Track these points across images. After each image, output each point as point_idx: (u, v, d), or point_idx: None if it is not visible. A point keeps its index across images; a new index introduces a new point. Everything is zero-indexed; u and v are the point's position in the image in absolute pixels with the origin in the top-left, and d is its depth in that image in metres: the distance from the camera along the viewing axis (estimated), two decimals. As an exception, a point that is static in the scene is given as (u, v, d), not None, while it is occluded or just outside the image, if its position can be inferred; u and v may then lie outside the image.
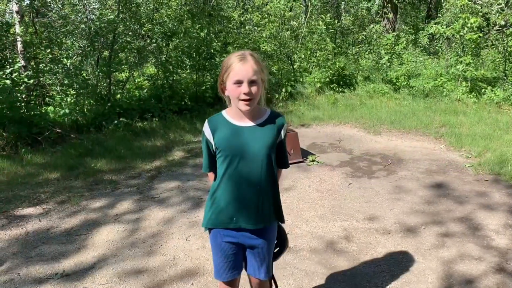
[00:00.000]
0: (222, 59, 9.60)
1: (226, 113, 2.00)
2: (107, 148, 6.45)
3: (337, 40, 13.05)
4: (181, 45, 9.59)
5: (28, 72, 7.53)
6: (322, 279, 3.10)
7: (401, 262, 3.32)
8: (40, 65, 7.81)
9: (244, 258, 2.15)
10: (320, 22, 11.62)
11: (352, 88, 10.67)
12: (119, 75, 9.40)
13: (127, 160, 6.04)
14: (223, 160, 1.96)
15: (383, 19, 13.61)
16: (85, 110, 7.64)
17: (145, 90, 9.01)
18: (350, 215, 4.19)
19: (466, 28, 9.37)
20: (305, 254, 3.45)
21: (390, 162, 5.84)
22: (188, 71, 9.71)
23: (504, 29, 9.98)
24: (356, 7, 18.01)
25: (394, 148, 6.53)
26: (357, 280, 3.07)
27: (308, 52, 11.74)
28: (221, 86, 1.94)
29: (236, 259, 2.09)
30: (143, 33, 10.22)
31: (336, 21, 12.73)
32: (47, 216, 4.24)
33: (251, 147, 1.92)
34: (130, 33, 9.02)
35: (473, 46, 9.56)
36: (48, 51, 8.00)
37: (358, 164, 5.83)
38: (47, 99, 8.09)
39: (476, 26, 9.34)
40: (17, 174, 5.46)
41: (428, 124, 7.64)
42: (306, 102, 9.78)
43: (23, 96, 7.03)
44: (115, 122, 7.47)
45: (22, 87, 7.11)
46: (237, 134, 1.94)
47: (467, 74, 9.27)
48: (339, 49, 12.66)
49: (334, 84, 10.51)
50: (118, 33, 8.51)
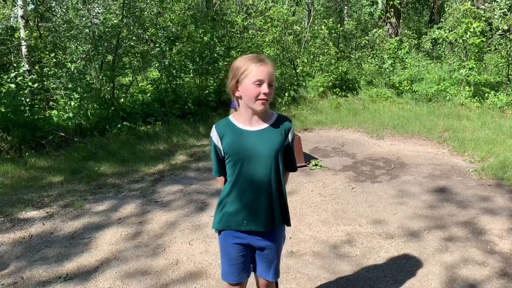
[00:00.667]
0: (225, 63, 9.63)
1: (233, 117, 2.03)
2: (110, 152, 6.47)
3: (340, 45, 13.09)
4: (184, 49, 9.62)
5: (32, 76, 7.58)
6: (325, 284, 3.10)
7: (404, 266, 3.31)
8: (44, 69, 7.85)
9: (253, 260, 2.18)
10: (323, 27, 11.65)
11: (355, 92, 10.67)
12: (122, 79, 9.45)
13: (130, 164, 6.06)
14: (232, 165, 1.99)
15: (386, 24, 13.63)
16: (88, 114, 7.67)
17: (148, 94, 9.05)
18: (353, 219, 4.19)
19: (469, 33, 9.37)
20: (308, 259, 3.45)
21: (393, 167, 5.83)
22: (191, 75, 9.74)
23: (507, 33, 9.96)
24: (359, 12, 18.06)
25: (397, 152, 6.52)
26: (360, 285, 3.07)
27: (311, 57, 11.76)
28: (233, 87, 1.96)
29: (245, 261, 2.12)
30: (147, 37, 10.28)
31: (339, 25, 12.75)
32: (51, 220, 4.25)
33: (259, 150, 1.95)
34: (133, 37, 9.07)
35: (476, 50, 9.55)
36: (52, 55, 8.05)
37: (361, 168, 5.83)
38: (51, 103, 8.14)
39: (479, 31, 9.35)
40: (21, 177, 5.48)
41: (431, 128, 7.63)
42: (309, 107, 9.79)
43: (27, 100, 7.06)
44: (119, 126, 7.50)
45: (26, 91, 7.15)
46: (245, 138, 1.97)
47: (470, 78, 9.26)
48: (342, 53, 12.69)
49: (337, 89, 10.51)
50: (122, 37, 8.56)
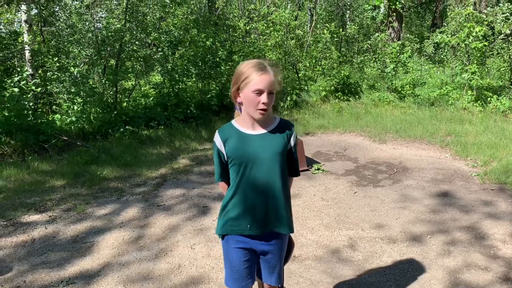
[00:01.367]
0: (228, 67, 9.65)
1: (235, 122, 2.04)
2: (113, 156, 6.48)
3: (342, 49, 13.11)
4: (187, 53, 9.66)
5: (35, 80, 7.62)
6: (327, 288, 3.09)
7: (406, 271, 3.30)
8: (48, 73, 7.90)
9: (257, 265, 2.17)
10: (325, 31, 11.68)
11: (357, 96, 10.68)
12: (125, 84, 9.48)
13: (133, 168, 6.07)
14: (235, 169, 1.99)
15: (388, 28, 13.63)
16: (91, 118, 7.69)
17: (151, 98, 9.07)
18: (355, 224, 4.18)
19: (471, 37, 9.37)
20: (310, 263, 3.44)
21: (395, 171, 5.82)
22: (194, 79, 9.77)
23: (510, 38, 9.97)
24: (361, 16, 18.09)
25: (399, 156, 6.51)
26: (362, 290, 3.06)
27: (313, 61, 11.78)
28: (234, 93, 1.96)
29: (249, 266, 2.10)
30: (150, 41, 10.32)
31: (341, 30, 12.79)
32: (53, 224, 4.26)
33: (262, 154, 1.96)
34: (136, 42, 9.11)
35: (478, 55, 9.55)
36: (55, 59, 8.09)
37: (364, 172, 5.82)
38: (54, 107, 8.17)
39: (481, 35, 9.34)
40: (23, 181, 5.49)
41: (433, 132, 7.62)
42: (311, 111, 9.79)
43: (31, 104, 7.10)
44: (121, 130, 7.52)
45: (29, 95, 7.18)
46: (247, 142, 1.97)
47: (472, 83, 9.25)
48: (344, 57, 12.71)
49: (339, 93, 10.52)
50: (125, 41, 8.60)
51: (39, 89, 7.48)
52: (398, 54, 11.36)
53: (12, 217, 4.40)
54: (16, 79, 7.02)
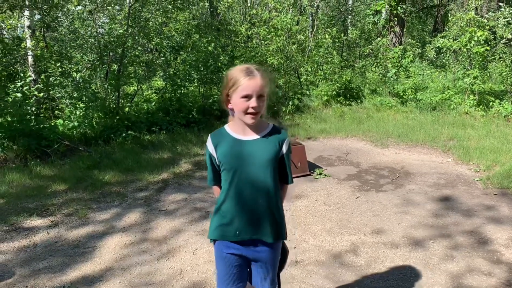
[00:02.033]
0: (229, 72, 9.66)
1: (228, 127, 2.03)
2: (115, 161, 6.49)
3: (343, 54, 13.12)
4: (189, 58, 9.68)
5: (38, 85, 7.65)
6: (329, 294, 3.08)
7: (409, 277, 3.28)
8: (50, 78, 7.93)
9: (249, 270, 2.15)
10: (326, 36, 11.69)
11: (359, 101, 10.68)
12: (127, 89, 9.50)
13: (135, 173, 6.07)
14: (226, 174, 1.98)
15: (390, 33, 13.65)
16: (93, 123, 7.70)
17: (153, 103, 9.09)
18: (357, 229, 4.17)
19: (473, 42, 9.38)
20: (312, 268, 3.43)
21: (397, 176, 5.81)
22: (196, 84, 9.79)
23: (511, 42, 9.97)
24: (362, 21, 18.11)
25: (401, 161, 6.50)
26: (365, 295, 3.04)
27: (315, 66, 11.79)
28: (225, 99, 1.96)
29: (240, 271, 2.09)
30: (152, 47, 10.36)
31: (342, 34, 12.80)
32: (55, 228, 4.26)
33: (253, 160, 1.94)
34: (139, 47, 9.14)
35: (480, 59, 9.55)
36: (58, 64, 8.13)
37: (366, 177, 5.81)
38: (56, 112, 8.19)
39: (483, 40, 9.35)
40: (25, 186, 5.50)
41: (435, 137, 7.61)
42: (313, 115, 9.80)
43: (33, 109, 7.12)
44: (123, 135, 7.53)
45: (32, 100, 7.21)
46: (239, 147, 1.96)
47: (474, 87, 9.25)
48: (346, 62, 12.71)
49: (341, 97, 10.52)
50: (127, 47, 8.63)
51: (41, 94, 7.50)
52: (400, 59, 11.38)
53: (14, 222, 4.40)
54: (19, 84, 7.04)
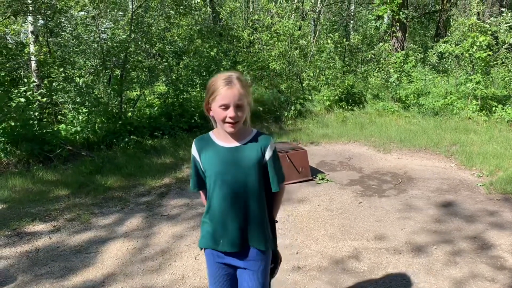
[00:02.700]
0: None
1: (213, 133, 2.02)
2: (117, 166, 6.49)
3: (345, 59, 13.13)
4: (191, 64, 9.72)
5: (41, 90, 7.68)
6: (332, 300, 3.06)
7: (412, 283, 3.27)
8: (53, 83, 7.96)
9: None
10: (328, 41, 11.72)
11: (361, 106, 10.68)
12: (130, 94, 9.53)
13: (137, 178, 6.07)
14: (209, 182, 1.96)
15: (392, 38, 13.66)
16: (96, 128, 7.72)
17: (155, 108, 9.11)
18: (360, 234, 4.15)
19: (475, 47, 9.38)
20: (314, 274, 3.42)
21: (400, 181, 5.79)
22: (198, 89, 9.81)
23: (514, 47, 9.98)
24: (364, 26, 18.14)
25: (404, 166, 6.48)
26: (367, 301, 3.03)
27: (317, 71, 11.81)
28: (206, 107, 1.94)
29: (230, 279, 2.07)
30: (154, 52, 10.39)
31: (344, 40, 12.83)
32: (57, 233, 4.26)
33: (235, 168, 1.92)
34: (141, 52, 9.17)
35: (482, 64, 9.54)
36: (61, 70, 8.16)
37: (368, 182, 5.79)
38: (59, 117, 8.21)
39: (485, 45, 9.35)
40: (28, 191, 5.51)
41: (438, 142, 7.59)
42: (315, 120, 9.80)
43: (36, 114, 7.14)
44: (126, 139, 7.54)
45: (35, 105, 7.23)
46: (221, 155, 1.94)
47: (477, 92, 9.23)
48: (348, 67, 12.71)
49: (343, 102, 10.52)
50: (130, 52, 8.66)
51: (44, 99, 7.53)
52: (402, 64, 11.38)
53: (16, 227, 4.40)
54: (22, 89, 7.08)
